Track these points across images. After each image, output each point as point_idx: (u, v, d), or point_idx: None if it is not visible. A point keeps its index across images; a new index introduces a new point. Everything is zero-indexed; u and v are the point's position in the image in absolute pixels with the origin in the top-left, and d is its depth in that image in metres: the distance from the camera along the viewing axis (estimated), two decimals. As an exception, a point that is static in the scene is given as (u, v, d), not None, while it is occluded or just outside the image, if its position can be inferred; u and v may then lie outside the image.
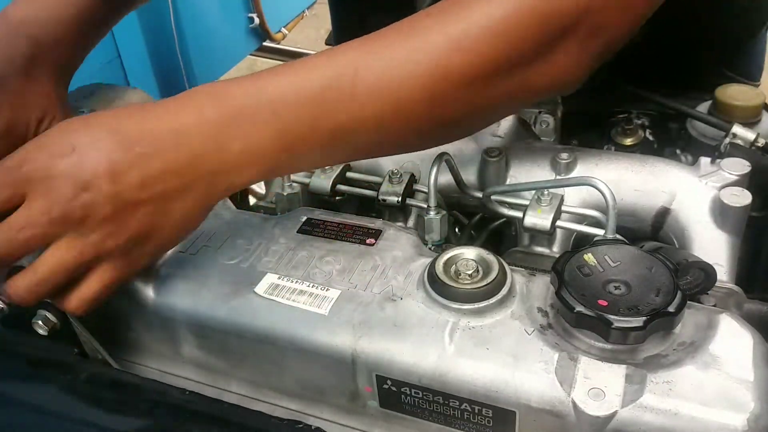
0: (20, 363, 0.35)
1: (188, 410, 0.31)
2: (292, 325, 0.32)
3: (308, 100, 0.28)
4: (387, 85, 0.28)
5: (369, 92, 0.28)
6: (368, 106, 0.28)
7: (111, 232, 0.27)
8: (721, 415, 0.26)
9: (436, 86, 0.28)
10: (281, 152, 0.29)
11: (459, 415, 0.30)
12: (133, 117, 0.28)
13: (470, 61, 0.28)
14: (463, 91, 0.28)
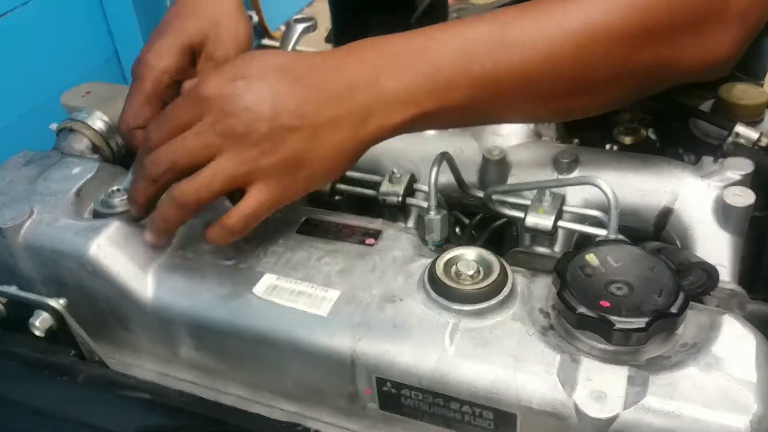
0: (17, 364, 0.35)
1: (186, 412, 0.31)
2: (291, 327, 0.32)
3: (458, 47, 0.30)
4: (535, 37, 0.30)
5: (517, 41, 0.30)
6: (515, 54, 0.30)
7: (266, 151, 0.30)
8: (724, 417, 0.26)
9: (582, 42, 0.29)
10: (430, 95, 0.30)
11: (459, 418, 0.30)
12: (301, 58, 0.32)
13: (618, 22, 0.29)
14: (609, 52, 0.30)
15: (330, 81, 0.30)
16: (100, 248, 0.35)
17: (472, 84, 0.30)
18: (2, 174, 0.42)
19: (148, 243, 0.34)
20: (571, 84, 0.31)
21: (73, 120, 0.45)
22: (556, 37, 0.30)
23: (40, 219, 0.37)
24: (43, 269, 0.37)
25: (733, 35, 0.31)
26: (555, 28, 0.30)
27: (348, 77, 0.30)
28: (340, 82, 0.30)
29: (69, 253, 0.36)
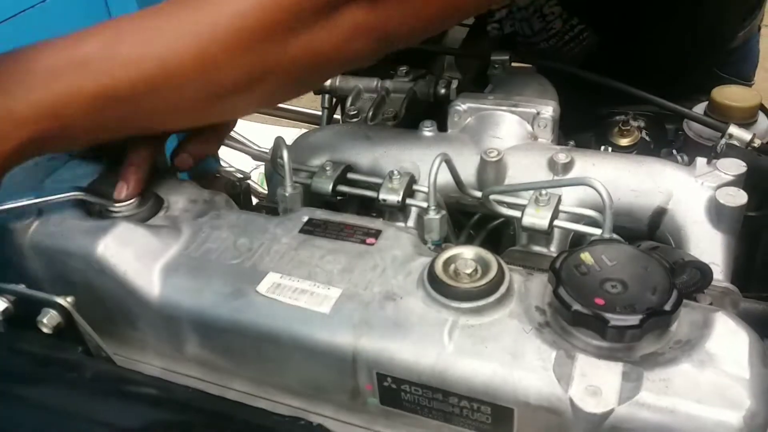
0: (25, 361, 0.35)
1: (192, 407, 0.31)
2: (293, 324, 0.32)
3: (71, 64, 0.28)
4: (153, 49, 0.28)
5: (132, 55, 0.28)
6: (133, 67, 0.28)
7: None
8: (717, 413, 0.27)
9: (205, 49, 0.28)
10: (46, 115, 0.28)
11: (458, 412, 0.31)
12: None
13: (241, 24, 0.27)
14: (238, 55, 0.28)
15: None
16: (108, 248, 0.36)
17: (90, 102, 0.28)
18: (10, 175, 0.43)
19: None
20: (204, 91, 0.29)
21: (80, 122, 0.46)
22: (176, 47, 0.28)
23: (47, 219, 0.38)
24: (50, 269, 0.38)
25: (364, 31, 0.29)
26: (172, 38, 0.28)
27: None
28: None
29: (76, 253, 0.36)
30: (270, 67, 0.29)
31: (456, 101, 0.49)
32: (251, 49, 0.28)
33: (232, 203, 0.42)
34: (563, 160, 0.43)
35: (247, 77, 0.29)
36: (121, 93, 0.28)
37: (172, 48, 0.28)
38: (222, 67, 0.28)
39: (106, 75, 0.28)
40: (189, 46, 0.28)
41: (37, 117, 0.28)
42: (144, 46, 0.28)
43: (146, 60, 0.28)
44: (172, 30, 0.28)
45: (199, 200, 0.41)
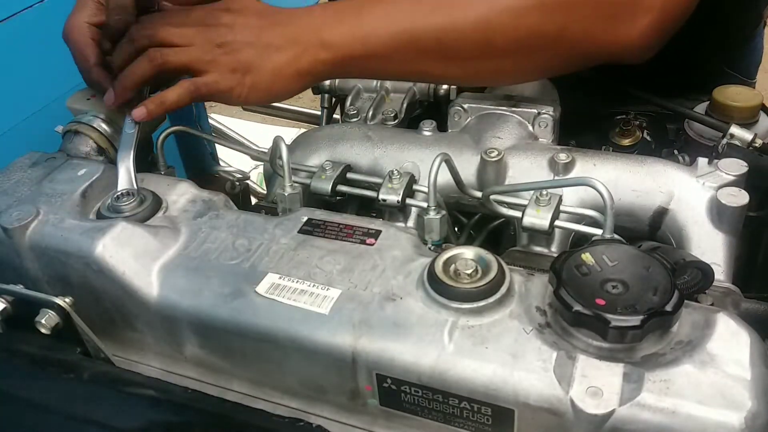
0: (23, 362, 0.35)
1: (191, 408, 0.31)
2: (293, 325, 0.32)
3: (385, 7, 0.38)
4: (448, 3, 0.37)
5: (432, 6, 0.37)
6: (429, 17, 0.37)
7: (227, 52, 0.38)
8: (719, 414, 0.27)
9: (492, 11, 0.35)
10: (355, 42, 0.37)
11: (458, 414, 0.31)
12: (272, 7, 0.41)
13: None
14: (518, 22, 0.35)
15: (285, 23, 0.39)
16: (106, 248, 0.36)
17: (392, 37, 0.37)
18: (8, 175, 0.43)
19: (110, 100, 0.41)
20: (478, 48, 0.36)
21: (79, 122, 0.46)
22: (466, 5, 0.35)
23: (46, 220, 0.38)
24: (48, 269, 0.38)
25: (645, 24, 0.34)
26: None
27: (298, 23, 0.39)
28: (291, 26, 0.39)
29: (75, 253, 0.36)
30: (538, 41, 0.36)
31: (456, 101, 0.49)
32: (529, 19, 0.35)
33: (231, 203, 0.41)
34: (564, 160, 0.42)
35: (518, 44, 0.36)
36: (417, 36, 0.36)
37: (462, 7, 0.36)
38: (501, 30, 0.35)
39: (409, 21, 0.37)
40: (477, 9, 0.35)
41: (350, 43, 0.37)
42: (441, 2, 0.36)
43: (440, 14, 0.36)
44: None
45: (197, 200, 0.41)
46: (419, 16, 0.36)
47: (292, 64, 0.38)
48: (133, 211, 0.38)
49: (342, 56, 0.38)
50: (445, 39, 0.36)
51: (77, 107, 0.48)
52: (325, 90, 0.59)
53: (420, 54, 0.37)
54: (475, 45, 0.36)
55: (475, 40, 0.36)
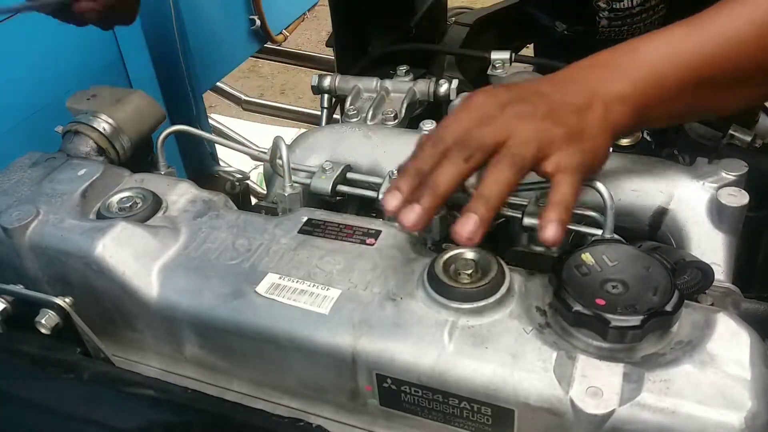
0: (23, 362, 0.35)
1: (190, 408, 0.31)
2: (292, 325, 0.32)
3: (662, 49, 0.35)
4: (729, 28, 0.35)
5: (713, 34, 0.35)
6: (713, 45, 0.35)
7: (554, 122, 0.34)
8: (719, 414, 0.27)
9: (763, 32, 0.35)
10: (646, 91, 0.35)
11: (458, 414, 0.31)
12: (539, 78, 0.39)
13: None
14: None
15: (574, 81, 0.36)
16: (106, 248, 0.36)
17: (681, 76, 0.35)
18: (8, 175, 0.43)
19: (418, 221, 0.32)
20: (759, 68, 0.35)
21: (79, 122, 0.46)
22: (745, 28, 0.34)
23: (46, 220, 0.38)
24: (48, 269, 0.38)
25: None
26: (745, 19, 0.34)
27: (587, 78, 0.36)
28: (583, 83, 0.36)
29: (75, 253, 0.36)
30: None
31: (456, 101, 0.48)
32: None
33: (231, 203, 0.41)
34: (564, 160, 0.42)
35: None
36: (704, 68, 0.35)
37: (736, 32, 0.35)
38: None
39: (694, 54, 0.35)
40: (749, 31, 0.35)
41: (640, 93, 0.35)
42: (720, 27, 0.35)
43: (725, 41, 0.35)
44: (734, 18, 0.35)
45: (197, 200, 0.41)
46: (700, 47, 0.35)
47: (607, 119, 0.34)
48: (133, 211, 0.38)
49: (637, 108, 0.35)
50: (736, 63, 0.35)
51: (77, 107, 0.48)
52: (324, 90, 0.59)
53: (705, 86, 0.35)
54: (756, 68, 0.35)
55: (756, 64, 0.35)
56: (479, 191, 0.32)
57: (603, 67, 0.36)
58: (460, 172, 0.33)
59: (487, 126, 0.33)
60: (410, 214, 0.31)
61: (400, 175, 0.33)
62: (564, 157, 0.33)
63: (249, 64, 1.78)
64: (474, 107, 0.34)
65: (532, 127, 0.33)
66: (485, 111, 0.34)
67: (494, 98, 0.34)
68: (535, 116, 0.33)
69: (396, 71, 0.58)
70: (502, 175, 0.32)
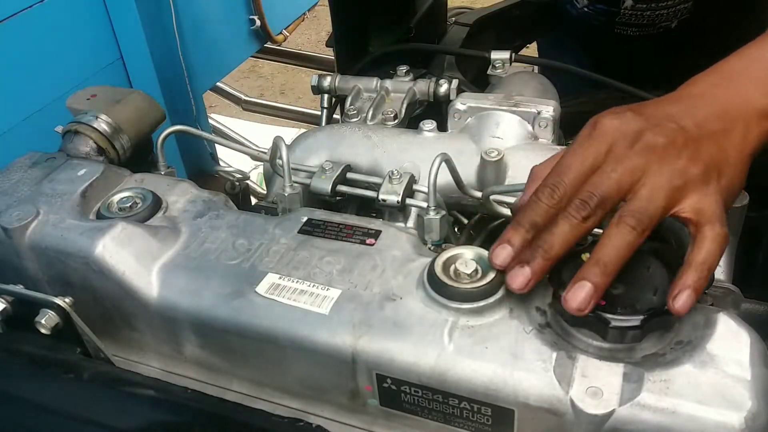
0: (23, 362, 0.35)
1: (190, 408, 0.31)
2: (292, 325, 0.32)
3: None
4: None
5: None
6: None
7: (690, 159, 0.30)
8: (719, 414, 0.27)
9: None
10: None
11: (458, 414, 0.31)
12: (658, 100, 0.33)
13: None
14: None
15: (705, 102, 0.32)
16: (106, 248, 0.36)
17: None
18: (8, 175, 0.43)
19: (526, 282, 0.29)
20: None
21: (79, 122, 0.46)
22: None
23: (46, 220, 0.38)
24: (48, 269, 0.38)
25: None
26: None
27: (719, 97, 0.32)
28: (715, 105, 0.31)
29: (75, 253, 0.36)
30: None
31: (456, 101, 0.48)
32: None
33: (231, 203, 0.41)
34: (564, 160, 0.42)
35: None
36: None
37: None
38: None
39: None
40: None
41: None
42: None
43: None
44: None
45: (197, 200, 0.41)
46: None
47: (746, 142, 0.31)
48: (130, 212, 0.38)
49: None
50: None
51: (78, 107, 0.48)
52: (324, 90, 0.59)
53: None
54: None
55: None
56: (596, 256, 0.28)
57: (733, 80, 0.32)
58: (577, 234, 0.29)
59: (612, 172, 0.29)
60: (519, 277, 0.29)
61: (513, 226, 0.30)
62: (705, 202, 0.29)
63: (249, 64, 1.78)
64: (599, 139, 0.30)
65: (667, 169, 0.29)
66: (612, 147, 0.29)
67: (622, 127, 0.30)
68: (669, 153, 0.29)
69: (396, 71, 0.58)
70: (623, 239, 0.28)
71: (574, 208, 0.29)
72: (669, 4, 0.59)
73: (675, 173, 0.29)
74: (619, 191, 0.29)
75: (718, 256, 0.29)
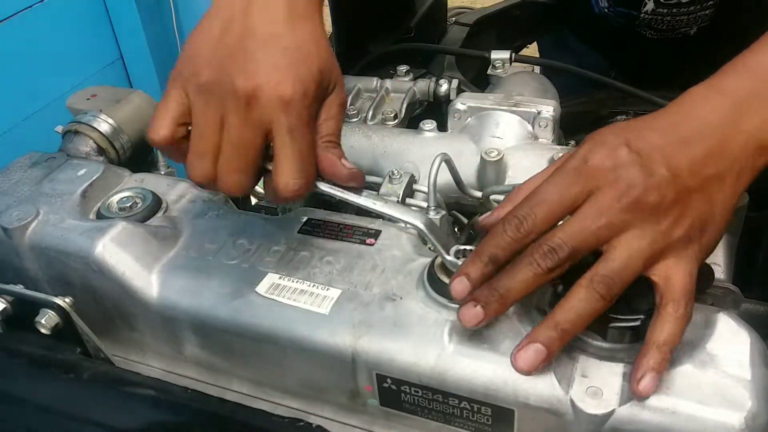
0: (23, 362, 0.35)
1: (190, 408, 0.31)
2: (292, 325, 0.32)
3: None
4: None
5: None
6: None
7: (676, 220, 0.27)
8: (719, 414, 0.26)
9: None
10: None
11: (458, 414, 0.31)
12: (655, 117, 0.29)
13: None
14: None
15: (703, 139, 0.28)
16: (106, 248, 0.36)
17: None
18: (8, 175, 0.43)
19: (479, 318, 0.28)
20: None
21: (79, 122, 0.46)
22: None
23: (46, 220, 0.38)
24: (48, 269, 0.38)
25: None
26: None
27: (714, 134, 0.28)
28: (709, 139, 0.28)
29: (75, 253, 0.36)
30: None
31: (456, 101, 0.48)
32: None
33: (230, 203, 0.41)
34: (564, 159, 0.42)
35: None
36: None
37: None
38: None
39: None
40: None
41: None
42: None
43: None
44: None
45: (197, 200, 0.41)
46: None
47: (736, 189, 0.28)
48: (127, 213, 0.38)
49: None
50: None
51: (78, 107, 0.48)
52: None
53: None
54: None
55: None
56: (556, 318, 0.27)
57: (735, 106, 0.28)
58: (538, 283, 0.27)
59: (592, 224, 0.26)
60: (471, 316, 0.27)
61: (473, 257, 0.28)
62: (677, 270, 0.26)
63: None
64: (586, 179, 0.27)
65: (649, 231, 0.26)
66: (597, 193, 0.27)
67: (614, 173, 0.27)
68: (656, 213, 0.26)
69: (396, 71, 0.58)
70: (589, 306, 0.26)
71: (540, 255, 0.27)
72: (690, 10, 0.58)
73: (658, 235, 0.27)
74: (595, 244, 0.27)
75: (680, 336, 0.27)
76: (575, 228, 0.27)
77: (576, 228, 0.27)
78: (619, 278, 0.27)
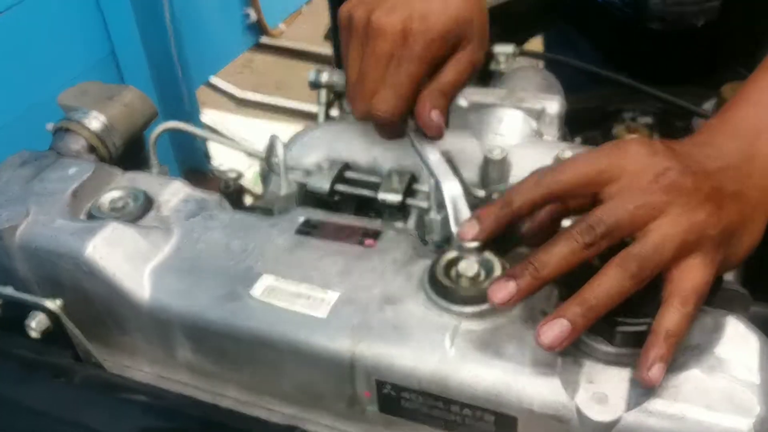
0: (14, 365, 0.34)
1: (183, 414, 0.31)
2: (289, 329, 0.32)
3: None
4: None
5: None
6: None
7: (710, 215, 0.27)
8: (727, 419, 0.26)
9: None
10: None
11: (460, 420, 0.30)
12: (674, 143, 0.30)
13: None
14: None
15: (724, 158, 0.29)
16: (96, 249, 0.35)
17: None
18: (-2, 173, 0.42)
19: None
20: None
21: (70, 120, 0.45)
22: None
23: (36, 220, 0.37)
24: (38, 270, 0.37)
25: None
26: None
27: (727, 156, 0.29)
28: (751, 167, 0.29)
29: (65, 254, 0.35)
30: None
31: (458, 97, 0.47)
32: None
33: (225, 203, 0.41)
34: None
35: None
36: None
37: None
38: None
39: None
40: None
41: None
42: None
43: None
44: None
45: (190, 200, 0.40)
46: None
47: (762, 227, 0.29)
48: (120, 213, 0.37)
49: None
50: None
51: (69, 104, 0.46)
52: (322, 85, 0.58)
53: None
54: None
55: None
56: (584, 294, 0.26)
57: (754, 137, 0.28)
58: (575, 260, 0.27)
59: (629, 203, 0.26)
60: (502, 291, 0.26)
61: (489, 203, 0.28)
62: (696, 273, 0.26)
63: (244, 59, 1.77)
64: (621, 156, 0.27)
65: (686, 219, 0.26)
66: (633, 173, 0.27)
67: (649, 157, 0.27)
68: (693, 200, 0.26)
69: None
70: (619, 285, 0.26)
71: (578, 231, 0.27)
72: (697, 0, 0.59)
73: (692, 226, 0.26)
74: (631, 226, 0.27)
75: (685, 331, 0.27)
76: (613, 205, 0.27)
77: (613, 205, 0.27)
78: (652, 260, 0.27)
